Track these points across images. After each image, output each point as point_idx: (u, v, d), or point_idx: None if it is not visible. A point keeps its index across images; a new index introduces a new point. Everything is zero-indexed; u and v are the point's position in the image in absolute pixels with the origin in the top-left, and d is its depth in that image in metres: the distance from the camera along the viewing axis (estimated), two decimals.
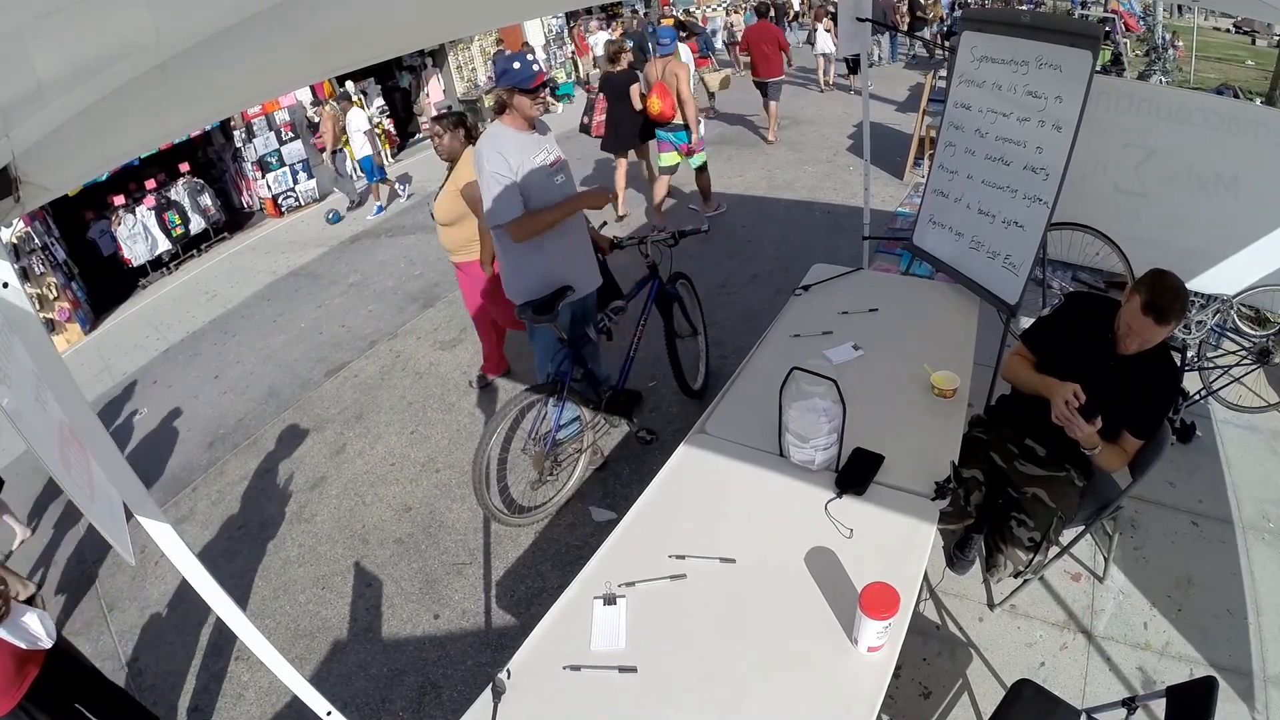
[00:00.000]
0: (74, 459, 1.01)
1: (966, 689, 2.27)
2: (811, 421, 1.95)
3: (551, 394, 2.92)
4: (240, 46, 1.00)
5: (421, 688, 2.56)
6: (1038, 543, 2.08)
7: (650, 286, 3.35)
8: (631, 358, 3.35)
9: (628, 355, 3.34)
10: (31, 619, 1.97)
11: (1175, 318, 1.94)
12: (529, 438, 3.06)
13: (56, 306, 7.00)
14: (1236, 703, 2.14)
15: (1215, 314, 3.44)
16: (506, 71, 2.63)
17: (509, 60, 2.63)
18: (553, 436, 3.02)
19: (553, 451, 3.06)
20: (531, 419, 3.02)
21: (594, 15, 12.83)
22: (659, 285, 3.36)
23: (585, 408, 3.11)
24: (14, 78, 0.78)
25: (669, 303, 3.45)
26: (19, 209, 0.94)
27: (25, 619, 1.94)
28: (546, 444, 3.02)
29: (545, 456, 3.03)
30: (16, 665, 1.94)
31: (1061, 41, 2.40)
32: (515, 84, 2.62)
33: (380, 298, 6.02)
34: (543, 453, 3.02)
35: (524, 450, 3.10)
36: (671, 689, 1.53)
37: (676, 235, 3.29)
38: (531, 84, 2.61)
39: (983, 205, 2.87)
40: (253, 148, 9.01)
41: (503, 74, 2.65)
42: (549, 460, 3.06)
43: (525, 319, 2.82)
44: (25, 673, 1.96)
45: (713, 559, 1.81)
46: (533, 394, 2.90)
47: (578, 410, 3.08)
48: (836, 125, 9.01)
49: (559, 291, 2.82)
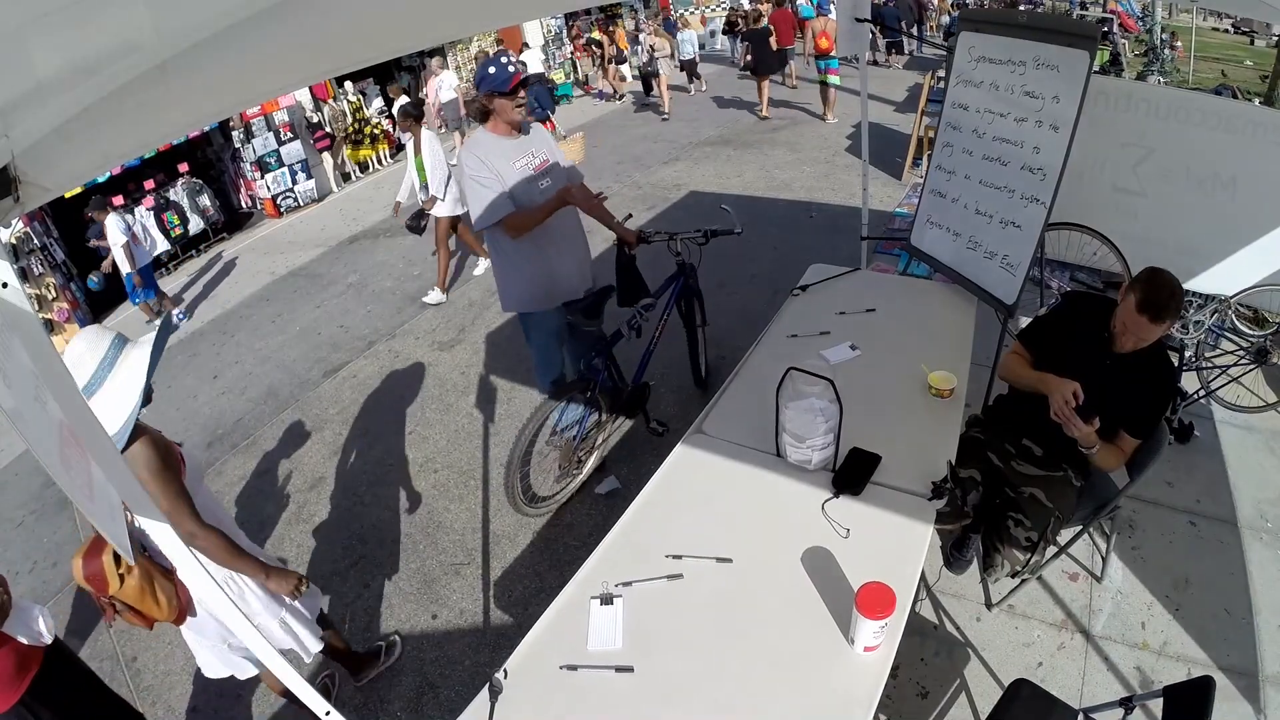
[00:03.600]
0: (74, 459, 1.01)
1: (964, 689, 2.27)
2: (808, 421, 1.95)
3: (581, 389, 2.98)
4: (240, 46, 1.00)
5: (419, 687, 2.56)
6: (1035, 542, 2.08)
7: (677, 283, 3.35)
8: (651, 352, 3.35)
9: (648, 350, 3.34)
10: (34, 614, 1.96)
11: (1171, 316, 1.95)
12: (553, 432, 3.07)
13: (55, 307, 6.99)
14: (1235, 702, 2.15)
15: (1213, 314, 3.45)
16: (484, 78, 2.63)
17: (485, 66, 2.64)
18: (580, 431, 3.07)
19: (580, 446, 3.12)
20: (557, 415, 3.03)
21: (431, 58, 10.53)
22: (683, 281, 3.36)
23: (604, 403, 3.16)
24: (14, 77, 0.78)
25: (692, 298, 3.48)
26: (19, 209, 0.94)
27: (28, 614, 1.94)
28: (576, 438, 3.07)
29: (574, 450, 3.09)
30: (18, 661, 1.92)
31: (1059, 42, 2.40)
32: (492, 88, 2.62)
33: (379, 298, 6.02)
34: (570, 447, 3.08)
35: (549, 443, 3.11)
36: (668, 689, 1.54)
37: (708, 233, 3.25)
38: (508, 86, 2.60)
39: (980, 205, 2.88)
40: (251, 148, 8.99)
41: (480, 80, 2.66)
42: (575, 453, 3.13)
43: (576, 323, 2.87)
44: (26, 669, 1.93)
45: (709, 559, 1.81)
46: (564, 392, 2.95)
47: (599, 405, 3.14)
48: (835, 125, 9.03)
49: (603, 291, 2.89)
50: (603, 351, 3.05)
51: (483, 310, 5.38)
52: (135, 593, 1.85)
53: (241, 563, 1.90)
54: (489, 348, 4.82)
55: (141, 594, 1.85)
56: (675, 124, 10.46)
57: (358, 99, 10.24)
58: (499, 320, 5.10)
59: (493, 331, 4.99)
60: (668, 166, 8.34)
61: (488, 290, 5.68)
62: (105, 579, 1.83)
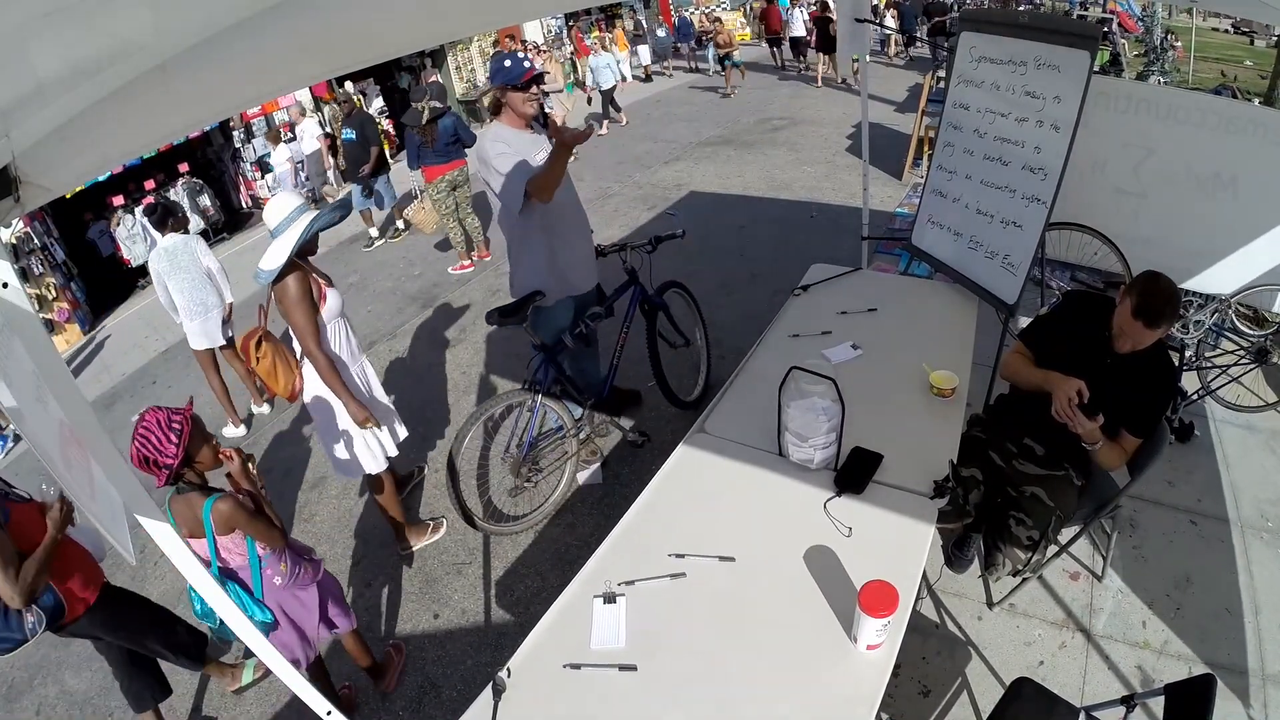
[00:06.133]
0: (75, 458, 1.01)
1: (966, 687, 2.27)
2: (810, 421, 1.95)
3: (527, 399, 2.91)
4: (240, 46, 1.00)
5: (421, 687, 2.56)
6: (1036, 541, 2.08)
7: (632, 292, 3.31)
8: (615, 365, 3.31)
9: (611, 363, 3.31)
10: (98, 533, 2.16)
11: (1166, 322, 1.95)
12: (509, 444, 3.02)
13: (55, 307, 7.00)
14: (1235, 701, 2.15)
15: (1213, 313, 3.44)
16: (498, 71, 2.66)
17: (499, 60, 2.67)
18: (528, 442, 2.97)
19: (530, 457, 3.01)
20: (511, 425, 2.98)
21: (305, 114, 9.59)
22: (640, 291, 3.32)
23: (568, 414, 3.06)
24: (14, 78, 0.78)
25: (654, 311, 3.39)
26: (19, 209, 0.94)
27: (93, 532, 2.26)
28: (524, 450, 2.97)
29: (522, 463, 2.99)
30: (92, 564, 2.26)
31: (1059, 42, 2.40)
32: (506, 81, 2.64)
33: (379, 298, 6.02)
34: (519, 459, 2.98)
35: (503, 458, 3.06)
36: (671, 687, 1.54)
37: (654, 240, 3.28)
38: (522, 79, 2.63)
39: (981, 205, 2.87)
40: (251, 148, 9.02)
41: (494, 74, 2.68)
42: (526, 467, 3.01)
43: (492, 323, 2.80)
44: (98, 576, 2.28)
45: (712, 558, 1.81)
46: (508, 399, 2.89)
47: (560, 416, 3.04)
48: (835, 126, 9.03)
49: (528, 297, 2.83)
50: (543, 363, 2.94)
51: (484, 310, 5.37)
52: (266, 370, 2.51)
53: (336, 386, 2.51)
54: (489, 348, 4.82)
55: (270, 372, 2.51)
56: (675, 124, 10.46)
57: (358, 99, 10.24)
58: None
59: (493, 331, 4.98)
60: (668, 166, 8.35)
61: (489, 290, 5.68)
62: (250, 355, 2.49)
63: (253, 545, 1.95)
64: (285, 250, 2.35)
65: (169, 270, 3.95)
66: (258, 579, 1.98)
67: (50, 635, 2.14)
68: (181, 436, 1.81)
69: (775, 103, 10.79)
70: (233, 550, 1.94)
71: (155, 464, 1.81)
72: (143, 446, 1.79)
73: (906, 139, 7.06)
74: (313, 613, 2.15)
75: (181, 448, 1.81)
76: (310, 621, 2.14)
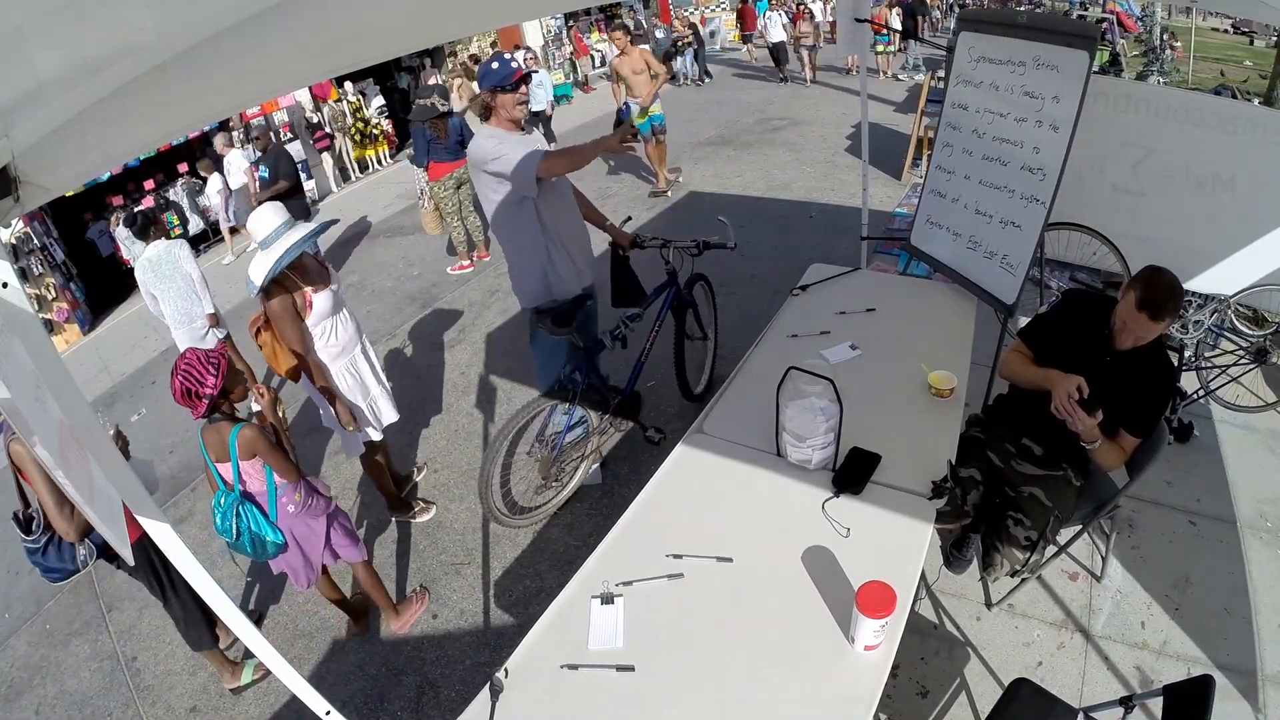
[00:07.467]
0: (74, 459, 1.01)
1: (964, 688, 2.27)
2: (809, 421, 1.95)
3: (563, 400, 2.92)
4: (240, 46, 1.00)
5: (420, 687, 2.56)
6: (1035, 542, 2.08)
7: (668, 293, 3.31)
8: (641, 364, 3.31)
9: (639, 361, 3.30)
10: (148, 465, 2.60)
11: (1170, 314, 1.95)
12: (535, 442, 3.03)
13: (55, 307, 6.99)
14: (1234, 701, 2.15)
15: (1213, 314, 3.45)
16: (486, 74, 2.65)
17: (487, 63, 2.66)
18: (561, 442, 3.00)
19: (560, 456, 3.05)
20: (539, 423, 2.99)
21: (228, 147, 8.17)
22: (676, 291, 3.33)
23: (593, 412, 3.08)
24: (14, 77, 0.78)
25: (684, 309, 3.43)
26: (19, 209, 0.94)
27: (144, 464, 2.45)
28: (555, 449, 3.00)
29: (552, 462, 3.02)
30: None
31: (1058, 42, 2.40)
32: (496, 84, 2.63)
33: (379, 298, 6.02)
34: (549, 457, 3.01)
35: (529, 454, 3.08)
36: (669, 687, 1.54)
37: (701, 245, 3.25)
38: (511, 79, 2.61)
39: (980, 205, 2.88)
40: (252, 148, 8.98)
41: (483, 77, 2.67)
42: (555, 466, 3.05)
43: (545, 330, 2.82)
44: None
45: (710, 558, 1.81)
46: (544, 400, 2.89)
47: (585, 415, 3.07)
48: (834, 126, 9.03)
49: (577, 300, 2.84)
50: (581, 364, 2.95)
51: (483, 310, 5.38)
52: (269, 355, 2.65)
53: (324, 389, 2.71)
54: (489, 348, 4.81)
55: (272, 357, 2.65)
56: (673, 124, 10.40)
57: (358, 99, 10.25)
58: (499, 320, 5.10)
59: (493, 331, 4.99)
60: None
61: (488, 291, 5.68)
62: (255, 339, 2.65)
63: (271, 474, 2.22)
64: (266, 268, 2.46)
65: (154, 280, 3.88)
66: (274, 504, 2.26)
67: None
68: (219, 369, 2.07)
69: (774, 103, 10.79)
70: (253, 475, 2.21)
71: (196, 395, 2.04)
72: (185, 379, 2.02)
73: (906, 139, 7.07)
74: (320, 539, 2.41)
75: (220, 379, 2.06)
76: (316, 548, 2.41)
